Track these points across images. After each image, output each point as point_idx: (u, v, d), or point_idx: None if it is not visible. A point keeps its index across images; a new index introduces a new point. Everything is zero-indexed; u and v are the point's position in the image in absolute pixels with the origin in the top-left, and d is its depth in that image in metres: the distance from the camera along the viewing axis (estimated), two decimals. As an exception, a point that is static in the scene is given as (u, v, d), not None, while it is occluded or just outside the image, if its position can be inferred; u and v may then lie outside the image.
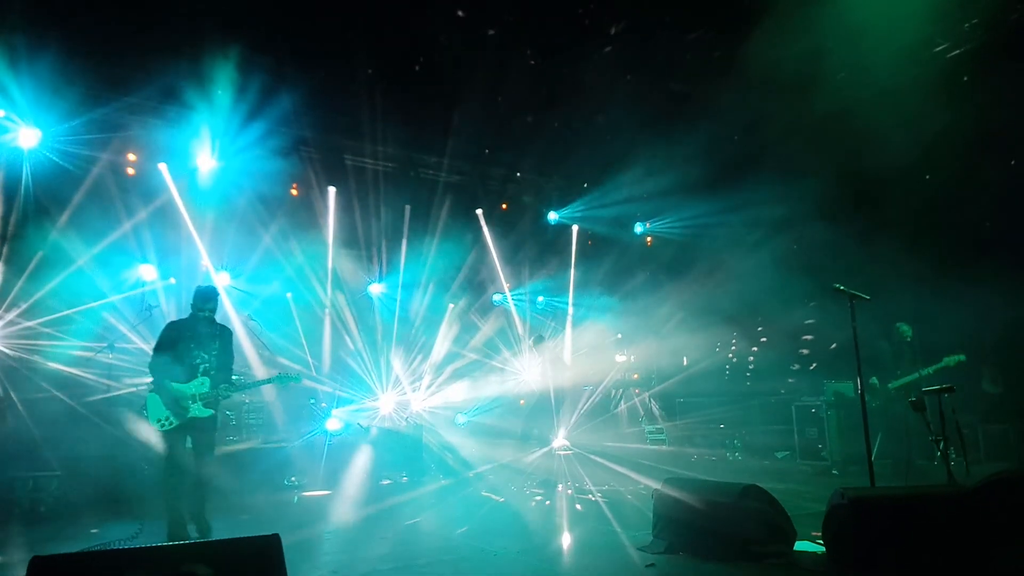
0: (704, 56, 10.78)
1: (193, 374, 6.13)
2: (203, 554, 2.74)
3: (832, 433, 10.09)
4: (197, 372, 6.15)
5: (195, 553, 2.72)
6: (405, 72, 10.58)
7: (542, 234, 14.61)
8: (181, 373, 6.10)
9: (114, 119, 10.22)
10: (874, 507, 4.50)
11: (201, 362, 6.20)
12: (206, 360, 6.22)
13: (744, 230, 11.85)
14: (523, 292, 14.43)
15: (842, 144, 10.78)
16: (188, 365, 6.13)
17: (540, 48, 10.48)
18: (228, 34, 9.17)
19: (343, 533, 6.53)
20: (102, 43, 9.17)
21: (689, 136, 11.45)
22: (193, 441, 6.12)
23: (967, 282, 8.78)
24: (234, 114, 10.33)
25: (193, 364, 6.15)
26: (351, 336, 12.12)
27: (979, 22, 9.56)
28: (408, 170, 12.68)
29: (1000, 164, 9.06)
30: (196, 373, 6.14)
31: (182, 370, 6.11)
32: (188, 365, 6.13)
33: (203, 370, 6.18)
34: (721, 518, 4.93)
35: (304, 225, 11.89)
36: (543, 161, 13.17)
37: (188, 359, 6.14)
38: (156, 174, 10.69)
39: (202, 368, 6.18)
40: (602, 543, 5.70)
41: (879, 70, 10.20)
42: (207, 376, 6.17)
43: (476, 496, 8.46)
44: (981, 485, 4.67)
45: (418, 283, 12.91)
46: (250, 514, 7.39)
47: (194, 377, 6.12)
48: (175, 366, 6.10)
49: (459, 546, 5.78)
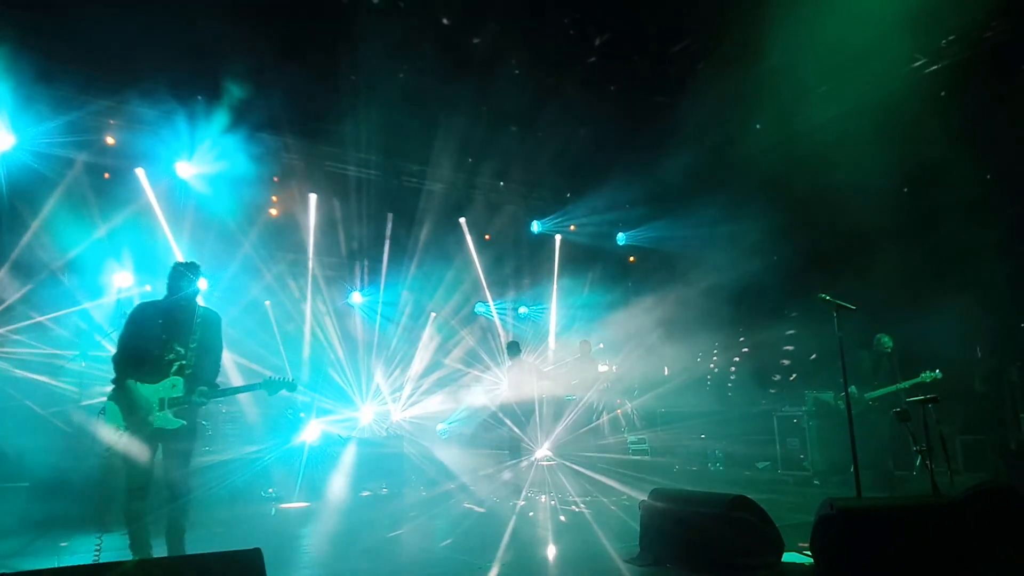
0: (686, 69, 10.88)
1: (164, 372, 4.93)
2: (182, 569, 2.62)
3: (813, 443, 10.13)
4: (170, 370, 4.94)
5: (174, 568, 2.61)
6: (389, 79, 10.53)
7: (525, 244, 14.58)
8: (150, 371, 4.92)
9: (91, 123, 10.08)
10: (863, 518, 4.47)
11: (176, 357, 4.98)
12: (182, 355, 5.00)
13: (726, 241, 11.90)
14: (505, 302, 14.37)
15: (822, 157, 10.90)
16: (159, 361, 4.94)
17: (525, 58, 10.49)
18: (208, 37, 9.06)
19: (323, 546, 6.39)
20: (80, 45, 9.01)
21: (670, 148, 11.53)
22: (164, 453, 4.96)
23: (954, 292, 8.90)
24: (215, 119, 10.21)
25: (165, 360, 4.95)
26: (331, 346, 11.97)
27: (956, 38, 9.76)
28: (391, 178, 12.61)
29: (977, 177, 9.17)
30: (168, 371, 4.94)
31: (151, 367, 4.92)
32: (159, 361, 4.94)
33: (178, 368, 4.97)
34: (709, 529, 4.88)
35: (284, 232, 11.74)
36: (527, 171, 13.16)
37: (159, 353, 4.95)
38: (133, 179, 10.51)
39: (176, 365, 4.97)
40: (588, 555, 5.63)
41: (858, 84, 10.37)
42: (181, 376, 4.96)
43: (458, 508, 8.35)
44: (967, 496, 4.67)
45: (400, 292, 12.80)
46: (226, 527, 7.21)
47: (165, 376, 4.93)
48: (143, 362, 4.93)
49: (442, 559, 5.68)
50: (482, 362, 13.25)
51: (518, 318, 14.59)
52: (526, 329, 14.53)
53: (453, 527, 7.08)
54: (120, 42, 8.83)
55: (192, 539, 5.90)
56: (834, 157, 11.48)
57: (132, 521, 4.80)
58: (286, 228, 11.84)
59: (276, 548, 5.89)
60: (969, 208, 9.53)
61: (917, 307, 9.68)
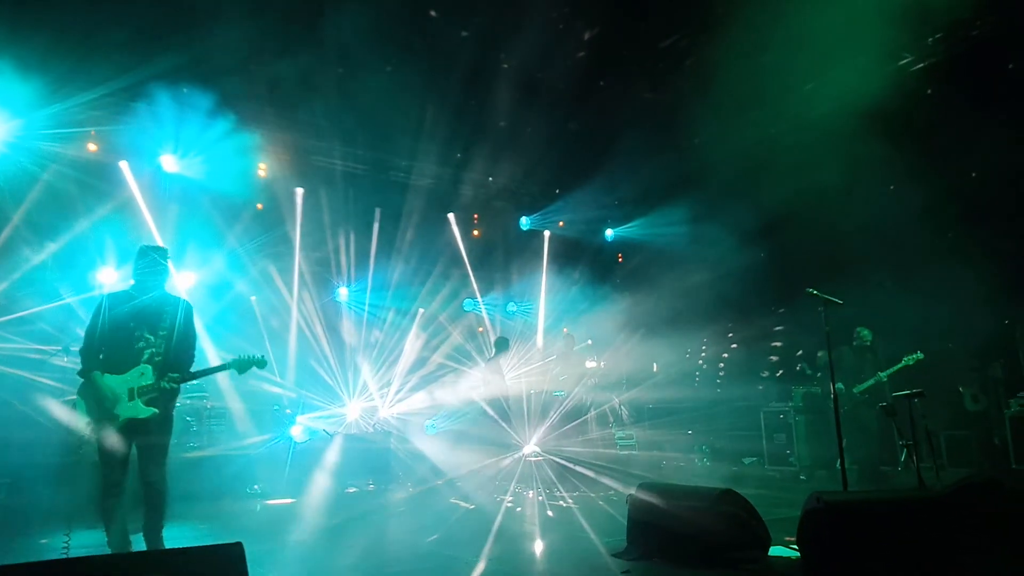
0: (676, 65, 10.88)
1: (134, 361, 4.82)
2: (160, 564, 2.57)
3: (800, 438, 10.17)
4: (140, 359, 4.83)
5: (152, 563, 2.55)
6: (377, 73, 10.46)
7: (514, 240, 14.54)
8: (118, 361, 4.82)
9: (74, 115, 9.90)
10: (850, 511, 4.48)
11: (145, 346, 4.86)
12: (152, 343, 4.88)
13: (714, 237, 11.92)
14: (494, 298, 14.33)
15: (806, 153, 10.95)
16: (127, 350, 4.84)
17: (513, 51, 10.45)
18: (193, 28, 8.96)
19: (309, 542, 6.33)
20: (61, 36, 8.87)
21: (660, 143, 11.54)
22: (138, 447, 4.83)
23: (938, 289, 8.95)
24: (199, 111, 10.09)
25: (134, 349, 4.84)
26: (318, 341, 11.89)
27: (942, 36, 9.81)
28: (379, 173, 12.52)
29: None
30: (138, 360, 4.83)
31: (119, 357, 4.83)
32: (127, 350, 4.84)
33: (148, 356, 4.84)
34: (697, 523, 4.87)
35: (270, 227, 11.64)
36: (515, 167, 13.12)
37: (127, 342, 4.85)
38: (117, 172, 10.38)
39: (147, 354, 4.84)
40: (576, 549, 5.61)
41: (840, 82, 10.40)
42: (151, 364, 4.83)
43: (445, 504, 8.31)
44: (954, 490, 4.69)
45: (387, 288, 12.73)
46: (211, 523, 7.14)
47: (135, 365, 4.82)
48: (111, 353, 4.84)
49: (430, 554, 5.64)
50: (470, 358, 13.21)
51: (506, 314, 14.55)
52: (514, 325, 14.50)
53: (440, 522, 7.04)
54: (103, 33, 8.72)
55: (176, 535, 5.83)
56: (820, 153, 11.55)
57: (108, 518, 4.68)
58: (272, 223, 11.73)
59: (261, 544, 5.84)
60: (953, 206, 9.60)
61: (901, 304, 9.74)
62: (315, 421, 10.34)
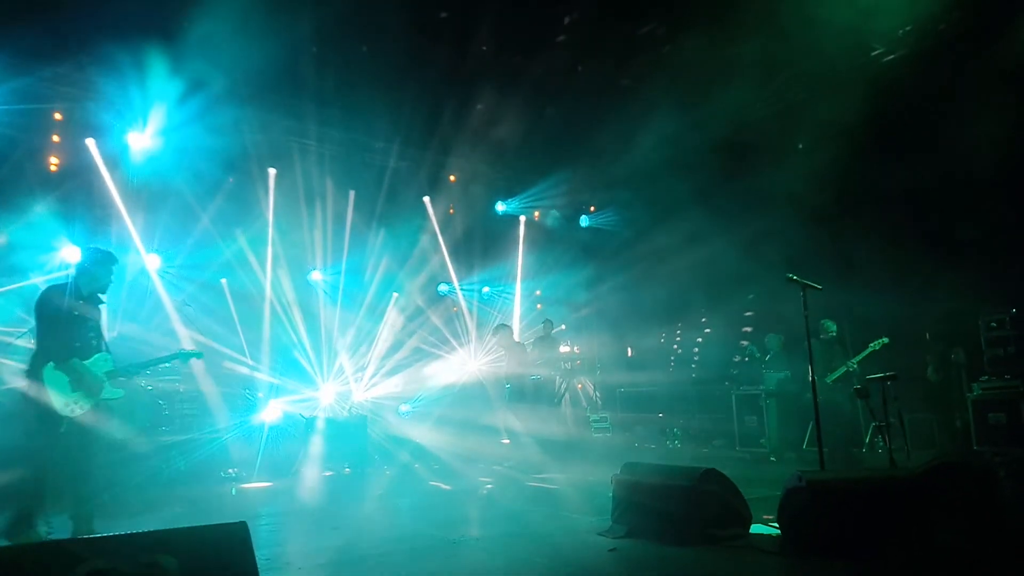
0: (652, 51, 10.93)
1: (95, 349, 5.32)
2: (166, 542, 2.55)
3: (772, 422, 10.38)
4: (92, 349, 5.30)
5: (158, 542, 2.53)
6: (353, 53, 10.31)
7: (489, 224, 14.52)
8: (83, 348, 5.24)
9: (39, 90, 9.58)
10: (831, 490, 4.61)
11: (94, 336, 5.34)
12: (97, 335, 5.39)
13: (689, 224, 12.04)
14: (470, 282, 14.31)
15: (786, 138, 11.14)
16: (88, 340, 5.28)
17: (493, 35, 10.39)
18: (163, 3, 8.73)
19: (291, 525, 6.30)
20: (27, 8, 8.57)
21: (637, 129, 11.60)
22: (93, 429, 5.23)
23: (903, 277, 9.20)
24: (169, 88, 9.84)
25: (87, 339, 5.28)
26: (292, 324, 11.75)
27: (912, 28, 10.01)
28: (354, 154, 12.37)
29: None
30: (98, 348, 5.34)
31: (84, 345, 5.25)
32: (88, 340, 5.28)
33: (97, 346, 5.33)
34: (681, 501, 4.96)
35: (243, 207, 11.43)
36: (492, 151, 13.07)
37: (83, 333, 5.26)
38: (83, 150, 10.09)
39: (95, 344, 5.33)
40: (560, 529, 5.65)
41: (817, 69, 10.58)
42: (108, 352, 5.38)
43: (424, 486, 8.32)
44: (927, 469, 4.85)
45: (362, 270, 12.62)
46: (184, 506, 7.04)
47: (96, 352, 5.32)
48: (80, 341, 5.23)
49: (413, 535, 5.63)
50: (446, 342, 13.20)
51: (482, 298, 14.55)
52: (490, 310, 14.51)
53: (419, 504, 7.06)
54: (72, 6, 8.45)
55: (154, 519, 5.76)
56: (792, 142, 11.75)
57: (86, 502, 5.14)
58: (245, 204, 11.52)
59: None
60: (918, 195, 9.85)
61: (868, 292, 10.00)
62: (289, 405, 10.26)
